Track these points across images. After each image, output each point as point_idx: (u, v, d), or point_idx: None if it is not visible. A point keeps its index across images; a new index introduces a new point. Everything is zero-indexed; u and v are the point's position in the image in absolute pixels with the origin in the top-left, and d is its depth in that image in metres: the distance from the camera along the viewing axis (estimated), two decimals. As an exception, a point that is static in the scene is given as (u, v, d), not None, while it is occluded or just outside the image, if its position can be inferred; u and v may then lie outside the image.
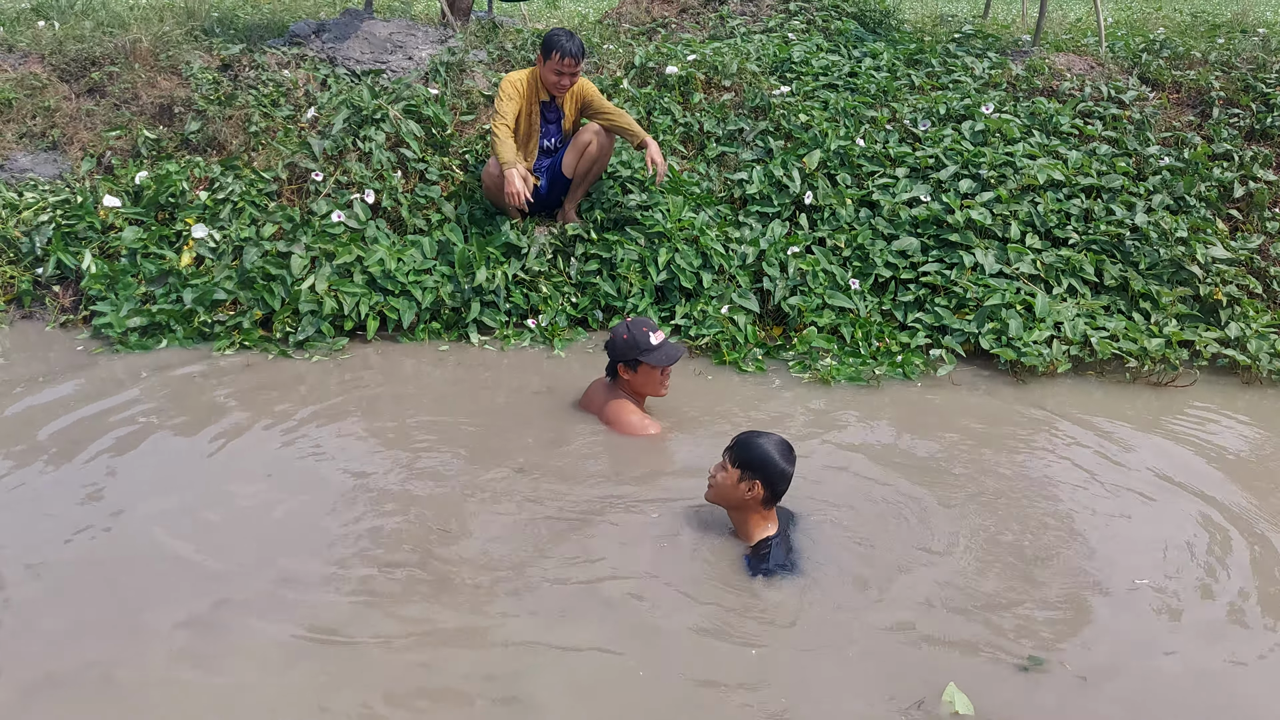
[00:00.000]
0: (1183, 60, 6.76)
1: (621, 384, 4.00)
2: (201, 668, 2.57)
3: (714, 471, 3.14)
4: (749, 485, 3.02)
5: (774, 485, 3.03)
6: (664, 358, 3.85)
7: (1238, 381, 4.77)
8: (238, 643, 2.66)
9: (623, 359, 3.90)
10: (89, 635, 2.68)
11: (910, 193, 5.50)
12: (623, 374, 3.95)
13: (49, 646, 2.64)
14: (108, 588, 2.89)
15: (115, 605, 2.81)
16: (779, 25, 7.79)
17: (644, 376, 3.91)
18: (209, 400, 4.19)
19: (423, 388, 4.42)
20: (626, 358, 3.88)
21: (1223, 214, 5.63)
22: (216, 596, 2.84)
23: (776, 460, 3.01)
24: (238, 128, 5.72)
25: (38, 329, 4.96)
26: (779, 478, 3.02)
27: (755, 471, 3.00)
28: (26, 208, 5.26)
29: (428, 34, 6.73)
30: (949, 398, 4.48)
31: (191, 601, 2.81)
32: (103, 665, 2.56)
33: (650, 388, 3.95)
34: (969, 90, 6.40)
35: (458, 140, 5.85)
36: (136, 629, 2.71)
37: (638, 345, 3.84)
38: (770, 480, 3.01)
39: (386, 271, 4.94)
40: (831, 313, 4.98)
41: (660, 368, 3.88)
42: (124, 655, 2.61)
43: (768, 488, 3.02)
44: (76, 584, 2.91)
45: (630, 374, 3.93)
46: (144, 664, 2.58)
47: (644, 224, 5.31)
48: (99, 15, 6.83)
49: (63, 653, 2.61)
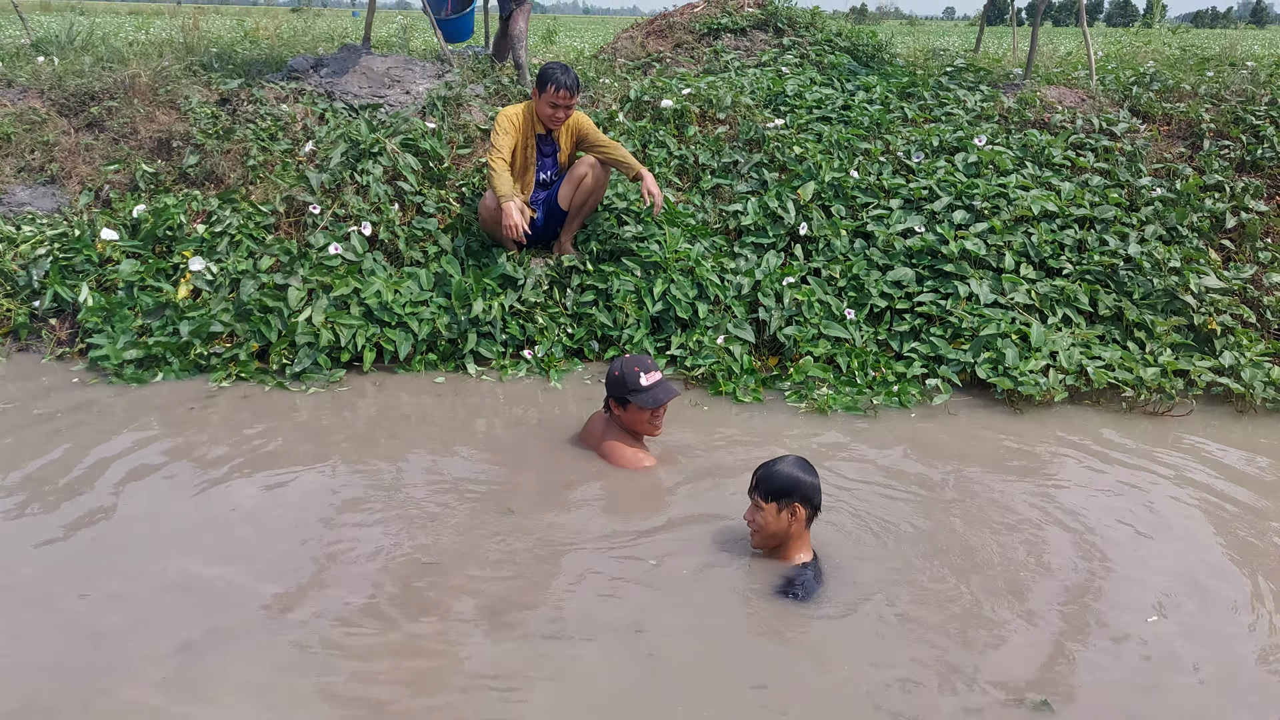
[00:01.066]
0: (1173, 93, 6.84)
1: (616, 420, 3.99)
2: (186, 697, 2.55)
3: (750, 516, 3.14)
4: (790, 512, 3.06)
5: (811, 501, 3.08)
6: (651, 400, 3.82)
7: (1232, 410, 4.78)
8: (224, 673, 2.64)
9: (614, 395, 3.90)
10: (72, 664, 2.66)
11: (904, 223, 5.53)
12: (615, 409, 3.95)
13: (31, 674, 2.62)
14: (95, 616, 2.87)
15: (100, 634, 2.80)
16: (772, 60, 7.88)
17: (633, 415, 3.89)
18: (204, 432, 4.18)
19: (419, 420, 4.42)
20: (618, 395, 3.88)
21: (1215, 244, 5.67)
22: (204, 626, 2.82)
23: (804, 478, 3.05)
24: (236, 161, 5.76)
25: (34, 361, 4.95)
26: (813, 491, 3.07)
27: (790, 496, 3.04)
28: (24, 241, 5.28)
29: (425, 69, 6.80)
30: (946, 427, 4.48)
31: (178, 631, 2.80)
32: (84, 694, 2.55)
33: (640, 426, 3.93)
34: (961, 123, 6.47)
35: (455, 173, 5.89)
36: (121, 658, 2.69)
37: (626, 384, 3.82)
38: (807, 498, 3.06)
39: (383, 303, 4.95)
40: (827, 343, 4.99)
41: (648, 409, 3.85)
42: (107, 684, 2.59)
43: (807, 506, 3.07)
44: (61, 612, 2.89)
45: (621, 411, 3.92)
46: (127, 693, 2.56)
47: (640, 255, 5.34)
48: (98, 51, 6.89)
49: (44, 681, 2.59)
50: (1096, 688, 2.68)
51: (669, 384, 3.92)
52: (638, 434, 3.98)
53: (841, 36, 8.41)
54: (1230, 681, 2.74)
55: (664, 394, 3.85)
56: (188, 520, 3.46)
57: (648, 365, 3.87)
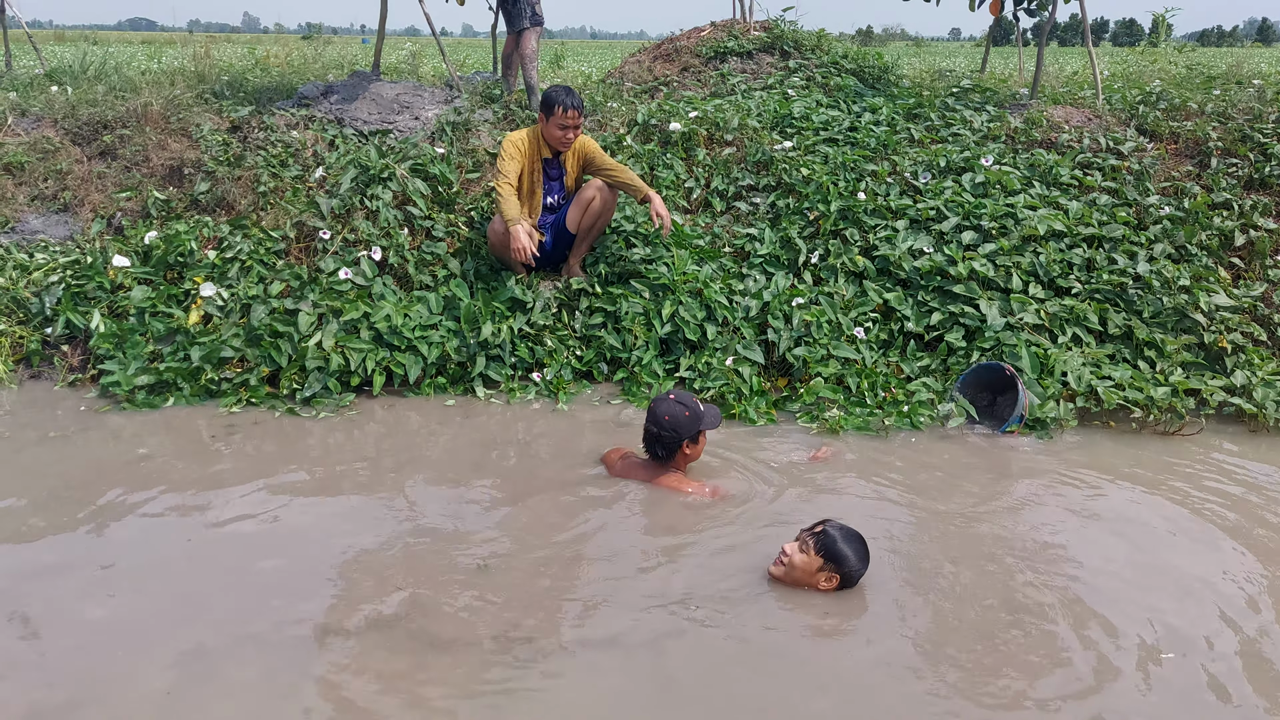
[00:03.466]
0: (1179, 112, 6.84)
1: (680, 460, 3.99)
2: (186, 711, 2.56)
3: (790, 552, 3.17)
4: (827, 576, 3.13)
5: (849, 582, 3.16)
6: (716, 419, 4.02)
7: (1245, 429, 4.74)
8: (221, 695, 2.64)
9: (690, 434, 3.91)
10: (73, 679, 2.69)
11: (912, 244, 5.53)
12: (686, 450, 3.95)
13: (33, 690, 2.65)
14: (102, 634, 2.89)
15: (103, 650, 2.82)
16: (779, 82, 7.92)
17: (700, 444, 4.00)
18: (213, 458, 4.20)
19: (427, 445, 4.42)
20: (693, 433, 3.92)
21: (1225, 262, 5.65)
22: (198, 646, 2.83)
23: (857, 564, 3.15)
24: (247, 188, 5.80)
25: (46, 388, 4.98)
26: (857, 575, 3.17)
27: (840, 566, 3.12)
28: (37, 268, 5.32)
29: (434, 94, 6.85)
30: (957, 449, 4.46)
31: (179, 648, 2.82)
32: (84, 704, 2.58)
33: (697, 455, 4.04)
34: (968, 143, 6.48)
35: (463, 198, 5.92)
36: (122, 672, 2.71)
37: (699, 418, 3.93)
38: (848, 579, 3.15)
39: (393, 327, 4.97)
40: (836, 363, 4.99)
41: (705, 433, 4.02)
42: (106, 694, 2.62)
43: (844, 583, 3.15)
44: (66, 629, 2.91)
45: (693, 448, 3.97)
46: (127, 706, 2.58)
47: (648, 277, 5.35)
48: (111, 80, 6.96)
49: (45, 694, 2.62)
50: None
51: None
52: (685, 468, 4.04)
53: (847, 59, 8.45)
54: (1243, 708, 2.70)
55: (718, 413, 4.07)
56: (192, 543, 3.46)
57: (691, 394, 4.09)
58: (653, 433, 3.92)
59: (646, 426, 3.95)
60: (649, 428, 3.93)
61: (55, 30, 47.14)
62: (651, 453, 3.99)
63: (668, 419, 3.87)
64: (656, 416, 3.90)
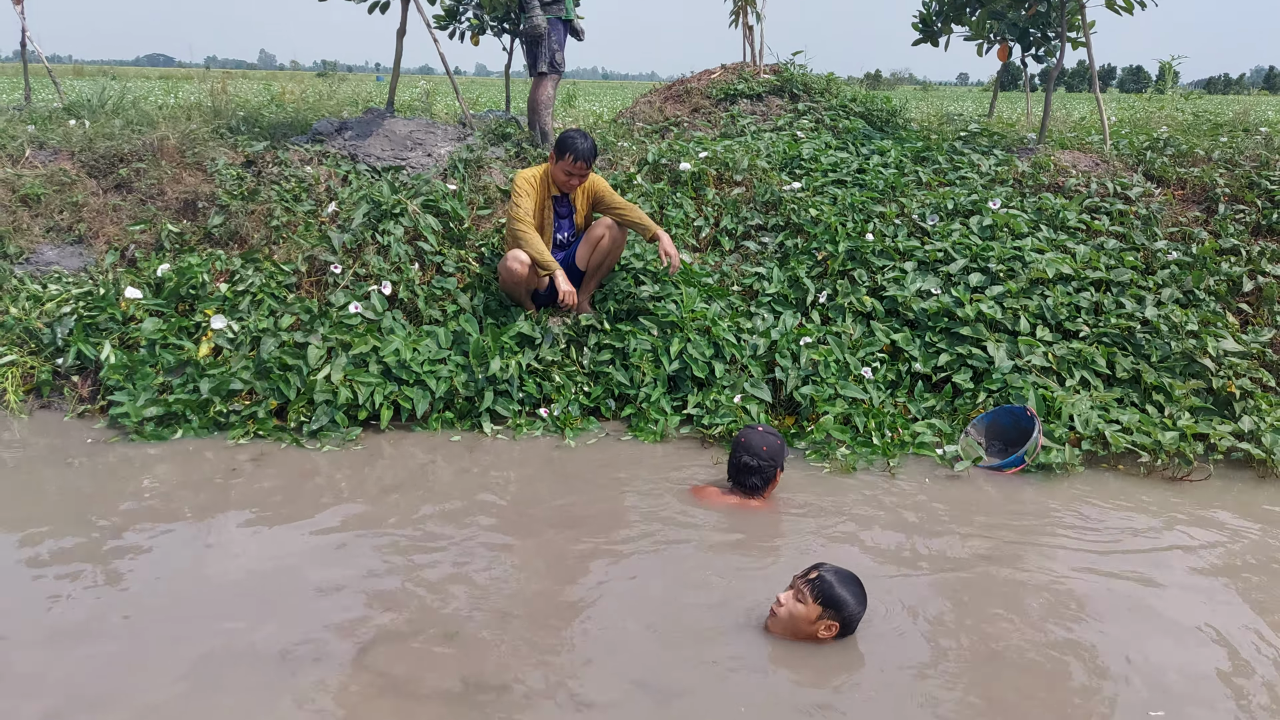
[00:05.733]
0: (1186, 158, 6.88)
1: (770, 488, 4.11)
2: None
3: (785, 602, 3.07)
4: (826, 625, 3.04)
5: (849, 629, 3.08)
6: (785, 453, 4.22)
7: (1254, 475, 4.71)
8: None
9: (780, 464, 4.08)
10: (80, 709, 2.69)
11: (920, 285, 5.55)
12: (777, 478, 4.11)
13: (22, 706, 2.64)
14: (106, 663, 2.89)
15: (109, 678, 2.83)
16: (788, 124, 7.99)
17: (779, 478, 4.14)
18: (217, 490, 4.20)
19: (432, 480, 4.41)
20: (783, 461, 4.10)
21: (1233, 308, 5.66)
22: (194, 681, 2.82)
23: (856, 608, 3.06)
24: (259, 222, 5.85)
25: (55, 419, 5.00)
26: (856, 622, 3.09)
27: (838, 612, 3.02)
28: (50, 299, 5.36)
29: (447, 132, 6.92)
30: (965, 491, 4.44)
31: (171, 680, 2.81)
32: None
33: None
34: (976, 186, 6.52)
35: (474, 233, 5.97)
36: (126, 703, 2.72)
37: (784, 449, 4.14)
38: (848, 625, 3.06)
39: (402, 361, 4.99)
40: (844, 402, 4.99)
41: None
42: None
43: (843, 630, 3.06)
44: (70, 660, 2.90)
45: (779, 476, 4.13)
46: None
47: (656, 314, 5.37)
48: (128, 114, 7.05)
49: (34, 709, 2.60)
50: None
51: None
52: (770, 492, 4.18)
53: (856, 102, 8.53)
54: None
55: None
56: (188, 577, 3.46)
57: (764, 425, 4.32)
58: (749, 465, 4.00)
59: (741, 461, 4.01)
60: (744, 461, 4.00)
61: (74, 65, 47.81)
62: (746, 486, 4.05)
63: (765, 449, 3.97)
64: (753, 448, 3.98)
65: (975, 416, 4.92)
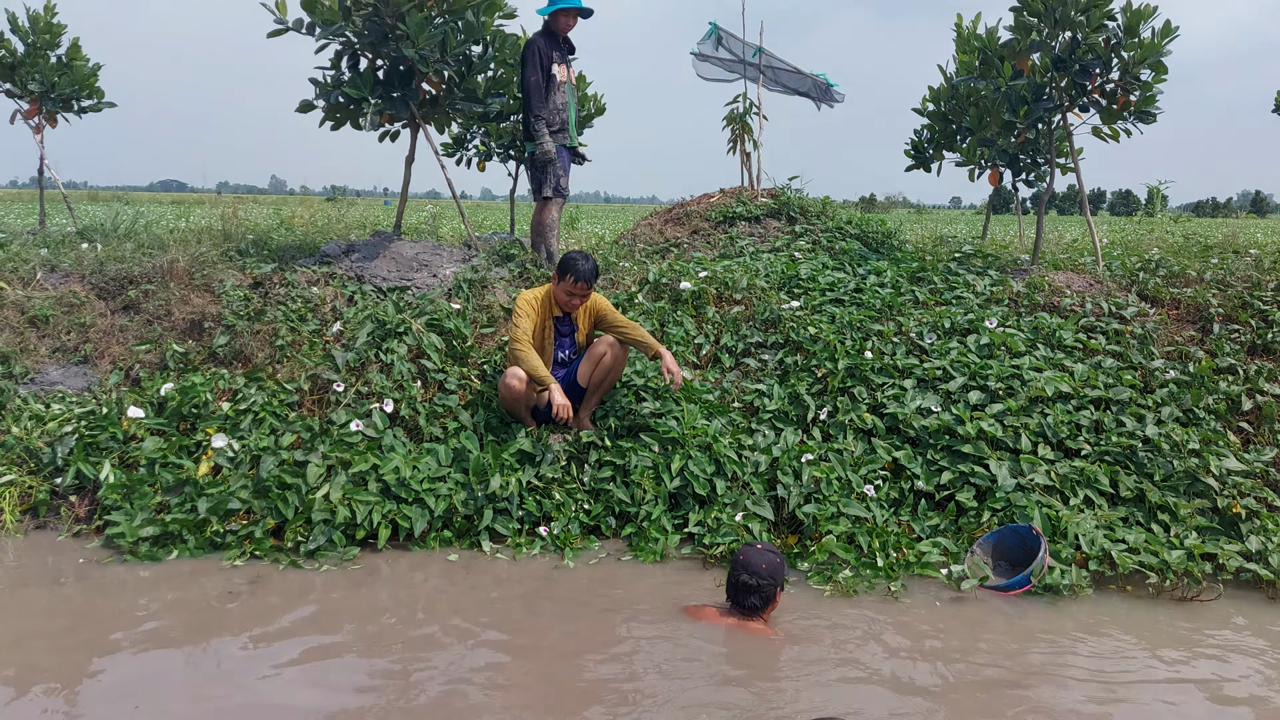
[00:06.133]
0: (1179, 278, 6.99)
1: (770, 609, 4.02)
2: None
3: None
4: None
5: None
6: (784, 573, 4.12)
7: (1264, 596, 4.62)
8: None
9: (780, 583, 4.00)
10: None
11: (920, 402, 5.57)
12: (778, 598, 4.02)
13: None
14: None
15: None
16: (786, 245, 8.16)
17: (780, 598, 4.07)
18: (211, 614, 4.11)
19: (429, 602, 4.32)
20: (782, 580, 4.02)
21: (1233, 426, 5.66)
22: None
23: None
24: (264, 341, 5.92)
25: (50, 539, 4.95)
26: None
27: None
28: (52, 419, 5.37)
29: (452, 254, 7.06)
30: (972, 614, 4.34)
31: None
32: None
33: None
34: (972, 305, 6.61)
35: (477, 351, 6.02)
36: None
37: (784, 567, 4.05)
38: None
39: (401, 479, 4.96)
40: (847, 521, 4.94)
41: None
42: None
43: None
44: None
45: (780, 594, 4.04)
46: None
47: (658, 431, 5.37)
48: (140, 238, 7.22)
49: None
50: None
51: None
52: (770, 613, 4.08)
53: (851, 224, 8.74)
54: None
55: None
56: (178, 700, 3.36)
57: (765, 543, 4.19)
58: (748, 584, 3.90)
59: (739, 580, 3.92)
60: (743, 580, 3.91)
61: (89, 190, 49.07)
62: (744, 605, 3.95)
63: (765, 567, 3.90)
64: (752, 566, 3.90)
65: (980, 536, 4.87)
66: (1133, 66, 6.61)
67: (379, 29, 6.33)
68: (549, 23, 6.91)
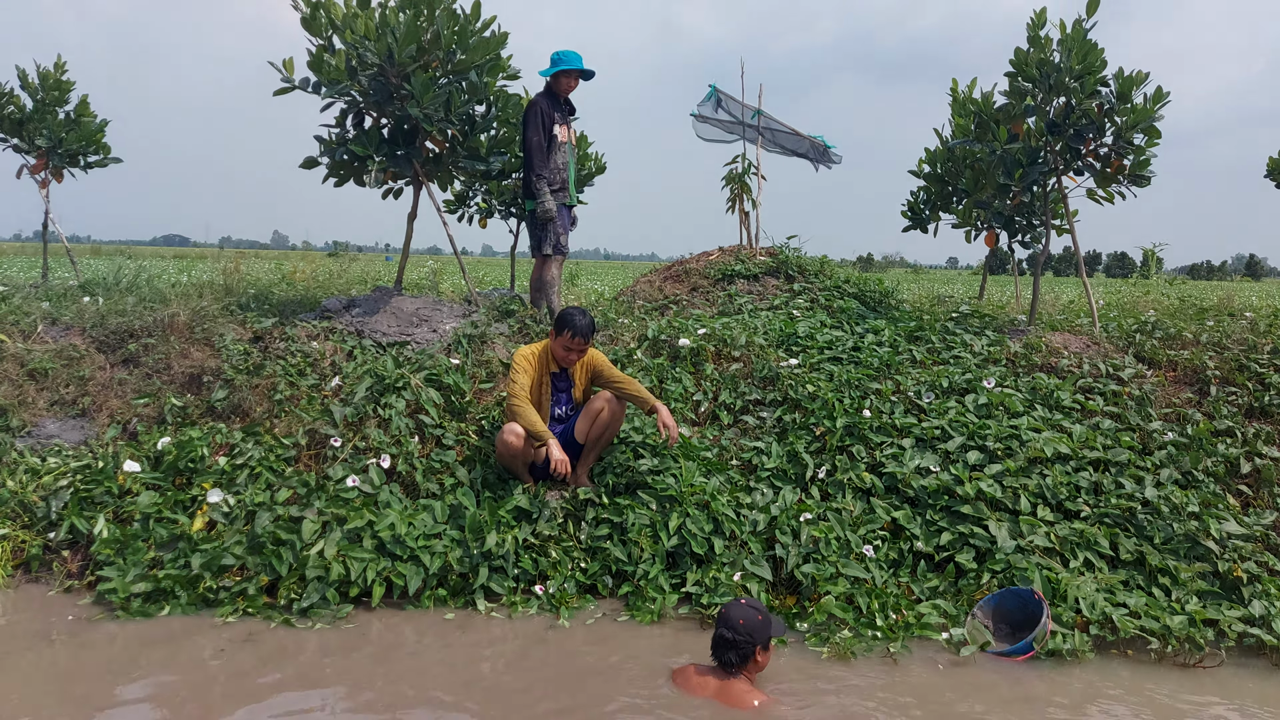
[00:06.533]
0: (1175, 340, 7.02)
1: (752, 667, 3.91)
2: None
3: None
4: None
5: None
6: (781, 628, 3.98)
7: (1267, 663, 4.56)
8: None
9: (763, 640, 3.88)
10: None
11: (918, 462, 5.56)
12: (759, 657, 3.90)
13: None
14: None
15: None
16: (784, 303, 8.20)
17: (770, 652, 3.94)
18: (201, 672, 4.06)
19: (422, 664, 4.26)
20: (767, 638, 3.89)
21: (1232, 489, 5.64)
22: None
23: None
24: (263, 396, 5.91)
25: (41, 593, 4.89)
26: None
27: None
28: (48, 473, 5.35)
29: (452, 309, 7.10)
30: (973, 680, 4.29)
31: None
32: None
33: (764, 666, 3.95)
34: (969, 365, 6.62)
35: (475, 406, 6.02)
36: None
37: (771, 625, 3.90)
38: None
39: (396, 536, 4.93)
40: (846, 581, 4.89)
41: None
42: None
43: None
44: None
45: (764, 655, 3.92)
46: None
47: (655, 488, 5.35)
48: (142, 291, 7.24)
49: None
50: None
51: None
52: (754, 678, 3.96)
53: (849, 283, 8.79)
54: None
55: (783, 622, 4.06)
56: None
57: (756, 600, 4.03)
58: (726, 639, 3.84)
59: (718, 633, 3.87)
60: (722, 633, 3.85)
61: (92, 245, 49.42)
62: (723, 661, 3.88)
63: (742, 623, 3.81)
64: (730, 621, 3.84)
65: (980, 599, 4.82)
66: (1126, 131, 6.71)
67: (384, 89, 6.43)
68: (551, 84, 7.04)
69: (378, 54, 6.20)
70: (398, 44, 6.15)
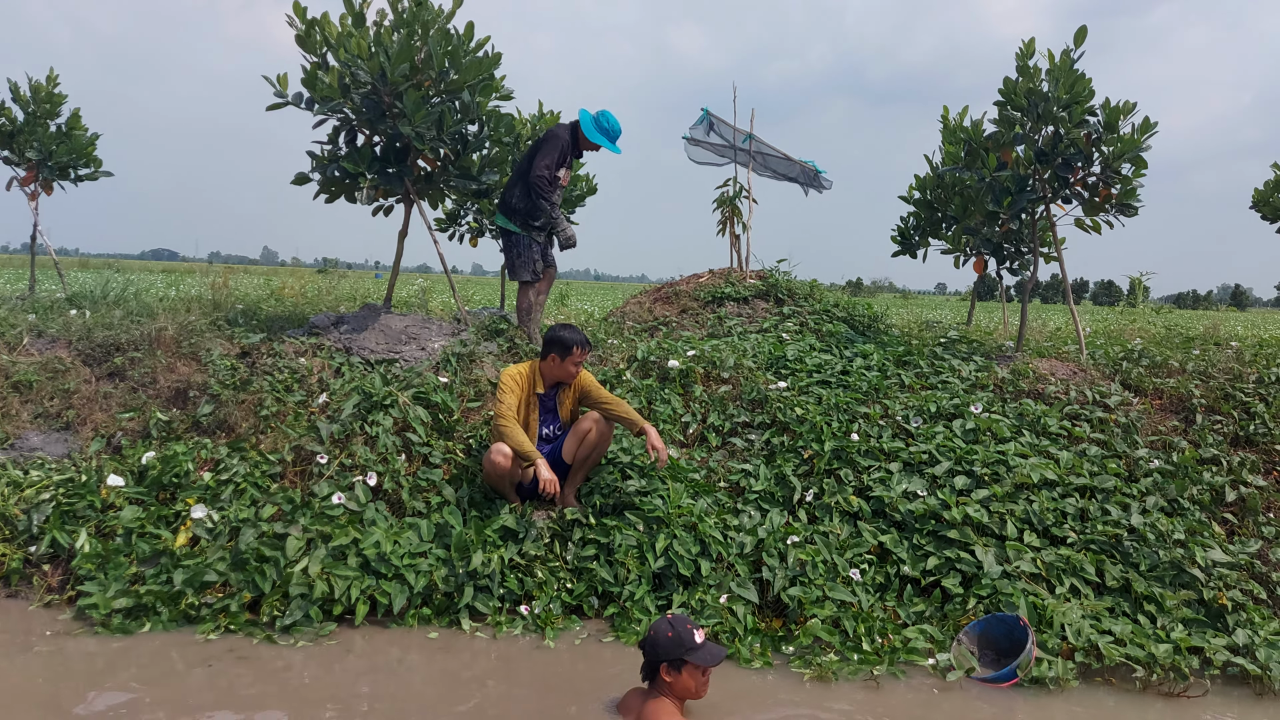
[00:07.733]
0: (1161, 369, 7.06)
1: (662, 686, 3.77)
2: None
3: None
4: None
5: None
6: (710, 657, 3.72)
7: (1250, 692, 4.56)
8: None
9: (667, 659, 3.71)
10: None
11: (906, 486, 5.56)
12: (665, 676, 3.74)
13: None
14: None
15: None
16: (773, 326, 8.22)
17: (688, 677, 3.73)
18: (181, 690, 4.01)
19: (405, 683, 4.23)
20: (671, 657, 3.71)
21: (1218, 517, 5.65)
22: None
23: None
24: (249, 411, 5.88)
25: (20, 608, 4.84)
26: None
27: None
28: (30, 486, 5.30)
29: (441, 327, 7.09)
30: (956, 706, 4.27)
31: None
32: None
33: (693, 688, 3.76)
34: (957, 390, 6.64)
35: (463, 425, 6.00)
36: None
37: (683, 644, 3.69)
38: None
39: (381, 554, 4.89)
40: (832, 605, 4.88)
41: (704, 667, 3.73)
42: None
43: None
44: None
45: (674, 675, 3.73)
46: None
47: (643, 509, 5.33)
48: (129, 305, 7.21)
49: None
50: None
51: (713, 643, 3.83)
52: (682, 701, 3.80)
53: (838, 307, 8.83)
54: None
55: (719, 650, 3.77)
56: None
57: (693, 622, 3.79)
58: (642, 649, 3.80)
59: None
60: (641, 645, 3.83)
61: (80, 257, 49.15)
62: (643, 675, 3.86)
63: (651, 633, 3.75)
64: (645, 634, 3.79)
65: (966, 624, 4.81)
66: (1113, 160, 6.77)
67: (377, 107, 6.45)
68: (580, 136, 6.93)
69: (371, 73, 6.22)
70: (390, 63, 6.17)
